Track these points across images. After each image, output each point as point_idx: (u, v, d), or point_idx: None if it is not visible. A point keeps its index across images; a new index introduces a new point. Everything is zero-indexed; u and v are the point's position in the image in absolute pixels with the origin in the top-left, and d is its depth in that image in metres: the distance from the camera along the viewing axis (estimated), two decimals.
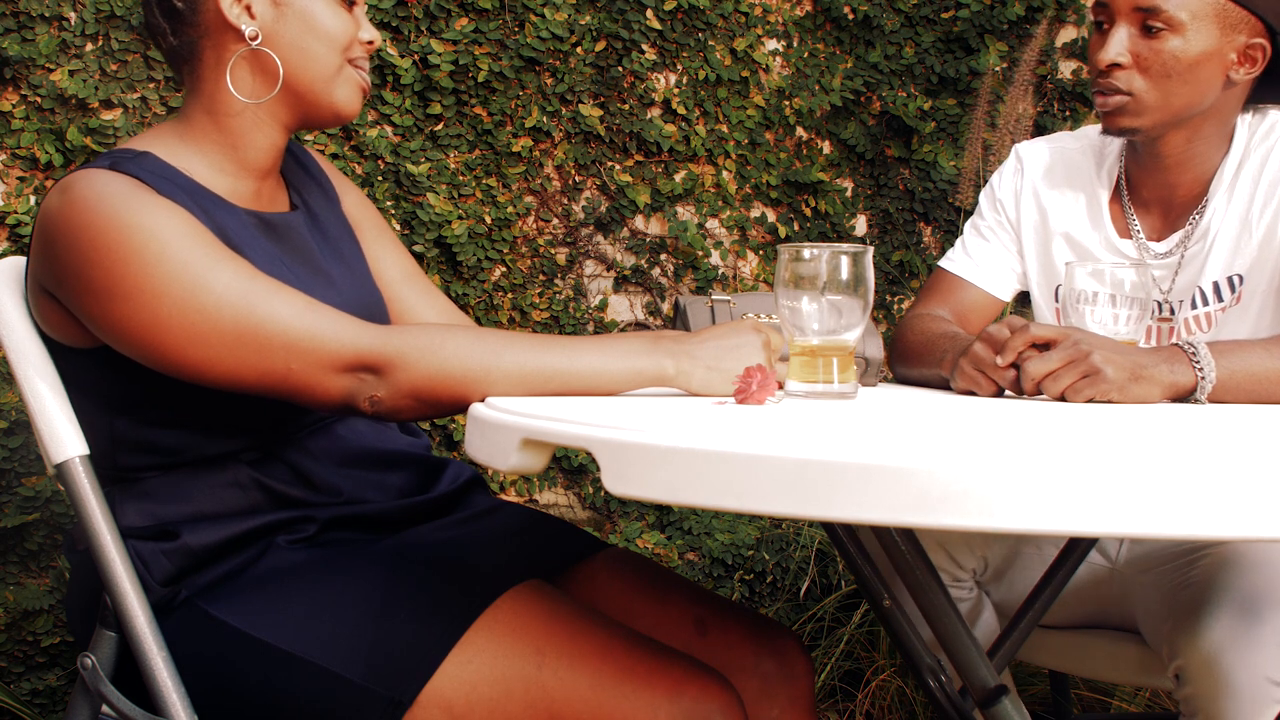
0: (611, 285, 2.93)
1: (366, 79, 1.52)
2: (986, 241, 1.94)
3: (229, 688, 1.36)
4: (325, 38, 1.46)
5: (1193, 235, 1.79)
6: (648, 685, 1.30)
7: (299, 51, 1.46)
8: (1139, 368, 1.47)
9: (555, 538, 1.57)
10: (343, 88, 1.49)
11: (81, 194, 1.34)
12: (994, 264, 1.93)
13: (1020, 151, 1.95)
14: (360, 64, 1.51)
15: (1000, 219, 1.94)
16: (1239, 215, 1.76)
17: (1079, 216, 1.88)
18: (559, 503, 2.87)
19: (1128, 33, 1.69)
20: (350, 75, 1.49)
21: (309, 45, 1.46)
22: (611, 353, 1.34)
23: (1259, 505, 0.87)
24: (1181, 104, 1.71)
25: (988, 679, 1.34)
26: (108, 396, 1.42)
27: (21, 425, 2.35)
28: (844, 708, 2.76)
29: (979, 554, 1.90)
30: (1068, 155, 1.91)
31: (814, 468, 0.91)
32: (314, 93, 1.48)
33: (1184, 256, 1.80)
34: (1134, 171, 1.84)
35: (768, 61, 3.01)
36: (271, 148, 1.50)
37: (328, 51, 1.47)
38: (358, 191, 1.69)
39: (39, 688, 2.39)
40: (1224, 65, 1.69)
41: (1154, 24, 1.67)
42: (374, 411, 1.33)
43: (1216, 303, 1.78)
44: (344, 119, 1.51)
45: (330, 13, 1.47)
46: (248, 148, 1.48)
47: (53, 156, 2.40)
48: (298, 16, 1.45)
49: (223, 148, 1.47)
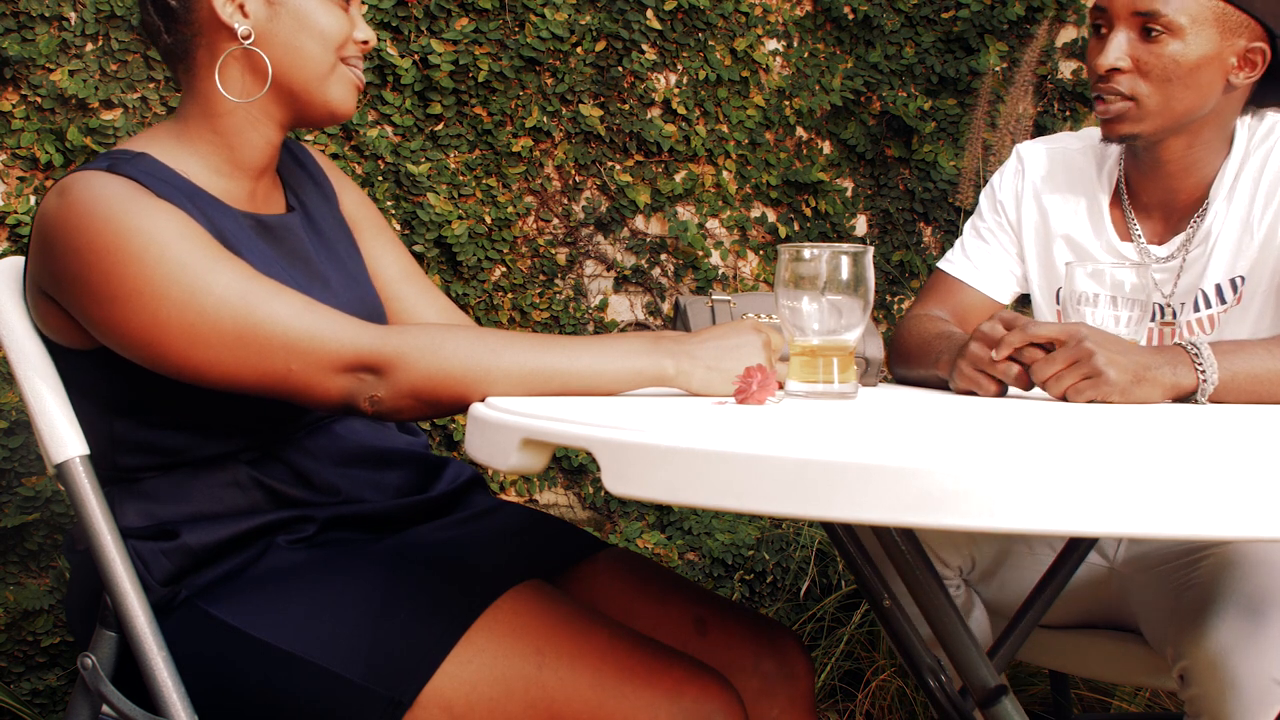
0: (611, 285, 2.93)
1: (361, 77, 1.52)
2: (986, 244, 1.93)
3: (229, 688, 1.36)
4: (319, 36, 1.46)
5: (1194, 239, 1.79)
6: (648, 685, 1.30)
7: (292, 50, 1.46)
8: (1142, 369, 1.47)
9: (555, 538, 1.57)
10: (337, 86, 1.48)
11: (79, 196, 1.34)
12: (993, 266, 1.93)
13: (1021, 152, 1.94)
14: (354, 63, 1.50)
15: (1000, 220, 1.93)
16: (1240, 217, 1.76)
17: (1079, 219, 1.87)
18: (559, 503, 2.87)
19: (1127, 37, 1.68)
20: (344, 74, 1.49)
21: (302, 44, 1.46)
22: (612, 352, 1.33)
23: (1259, 505, 0.87)
24: (1183, 109, 1.70)
25: (987, 679, 1.33)
26: (107, 398, 1.42)
27: (21, 425, 2.35)
28: (844, 708, 2.76)
29: (965, 553, 1.89)
30: (1069, 156, 1.91)
31: (814, 468, 0.91)
32: (308, 91, 1.47)
33: (1185, 260, 1.80)
34: (1134, 176, 1.84)
35: (768, 61, 3.01)
36: (266, 146, 1.49)
37: (321, 50, 1.46)
38: (356, 189, 1.69)
39: (39, 688, 2.39)
40: (1224, 70, 1.69)
41: (1153, 28, 1.66)
42: (374, 411, 1.33)
43: (1219, 305, 1.78)
44: (339, 118, 1.51)
45: (324, 11, 1.47)
46: (242, 147, 1.48)
47: (53, 156, 2.40)
48: (291, 15, 1.45)
49: (217, 148, 1.47)
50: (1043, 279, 1.91)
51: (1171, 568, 1.74)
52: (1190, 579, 1.69)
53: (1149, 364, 1.48)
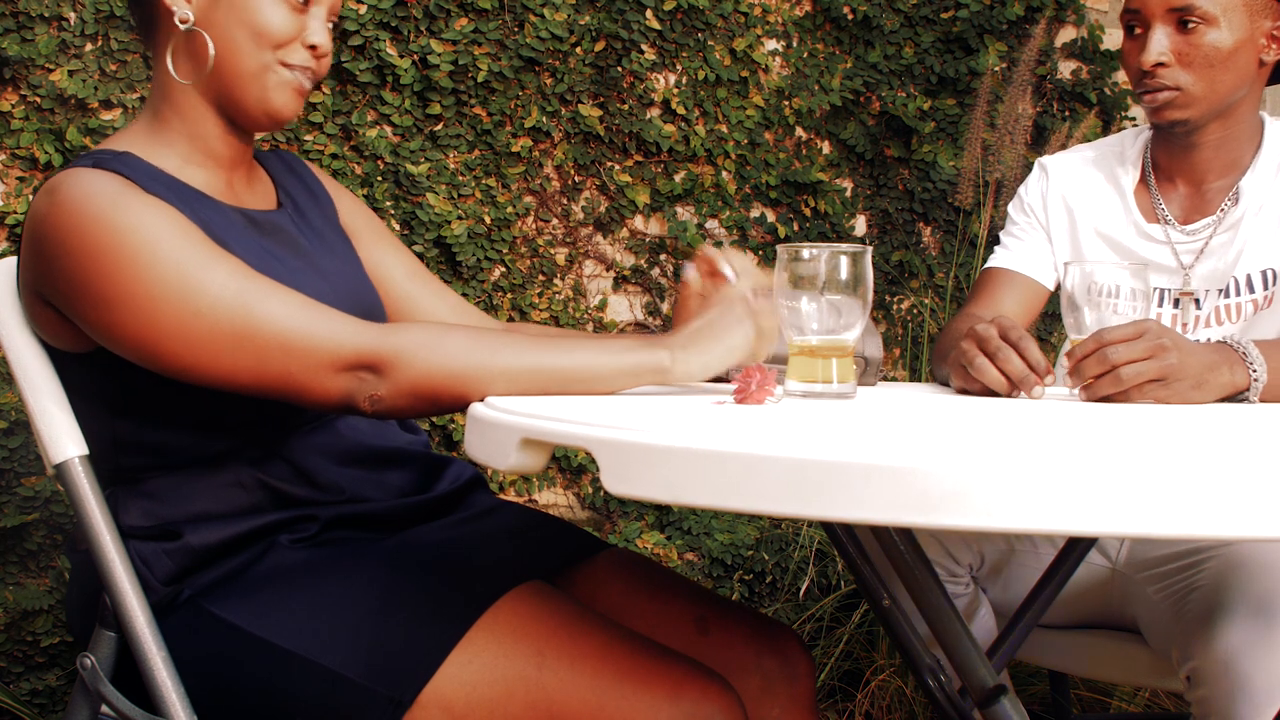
0: (611, 285, 2.93)
1: (305, 82, 1.47)
2: (1021, 240, 1.98)
3: (230, 687, 1.36)
4: (253, 33, 1.44)
5: (1224, 222, 1.83)
6: (648, 686, 1.30)
7: (226, 41, 1.44)
8: (1206, 369, 1.49)
9: (555, 538, 1.57)
10: (273, 89, 1.45)
11: (69, 195, 1.33)
12: (1034, 255, 1.97)
13: (1043, 162, 2.01)
14: (300, 67, 1.46)
15: (1031, 220, 1.98)
16: (1276, 211, 1.81)
17: (1105, 209, 1.92)
18: (559, 503, 2.87)
19: (1165, 32, 1.76)
20: (282, 76, 1.45)
21: (235, 36, 1.44)
22: (610, 349, 1.34)
23: (1259, 505, 0.87)
24: (1226, 90, 1.78)
25: (987, 679, 1.33)
26: (108, 400, 1.41)
27: (21, 425, 2.35)
28: (844, 708, 2.76)
29: (975, 549, 1.91)
30: (1088, 160, 1.97)
31: (814, 468, 0.91)
32: (240, 87, 1.45)
33: (1210, 241, 1.83)
34: (1163, 158, 1.89)
35: (767, 61, 3.01)
36: (224, 135, 1.48)
37: (254, 47, 1.44)
38: (353, 197, 1.69)
39: (39, 688, 2.39)
40: (1256, 49, 1.77)
41: (1190, 20, 1.74)
42: (374, 410, 1.33)
43: (1248, 294, 1.81)
44: (277, 121, 1.47)
45: (269, 8, 1.44)
46: (205, 135, 1.48)
47: (52, 156, 2.40)
48: (230, 5, 1.44)
49: (183, 136, 1.47)
50: None
51: (1174, 569, 1.74)
52: (1195, 581, 1.69)
53: (1211, 364, 1.50)
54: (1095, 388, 1.46)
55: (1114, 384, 1.45)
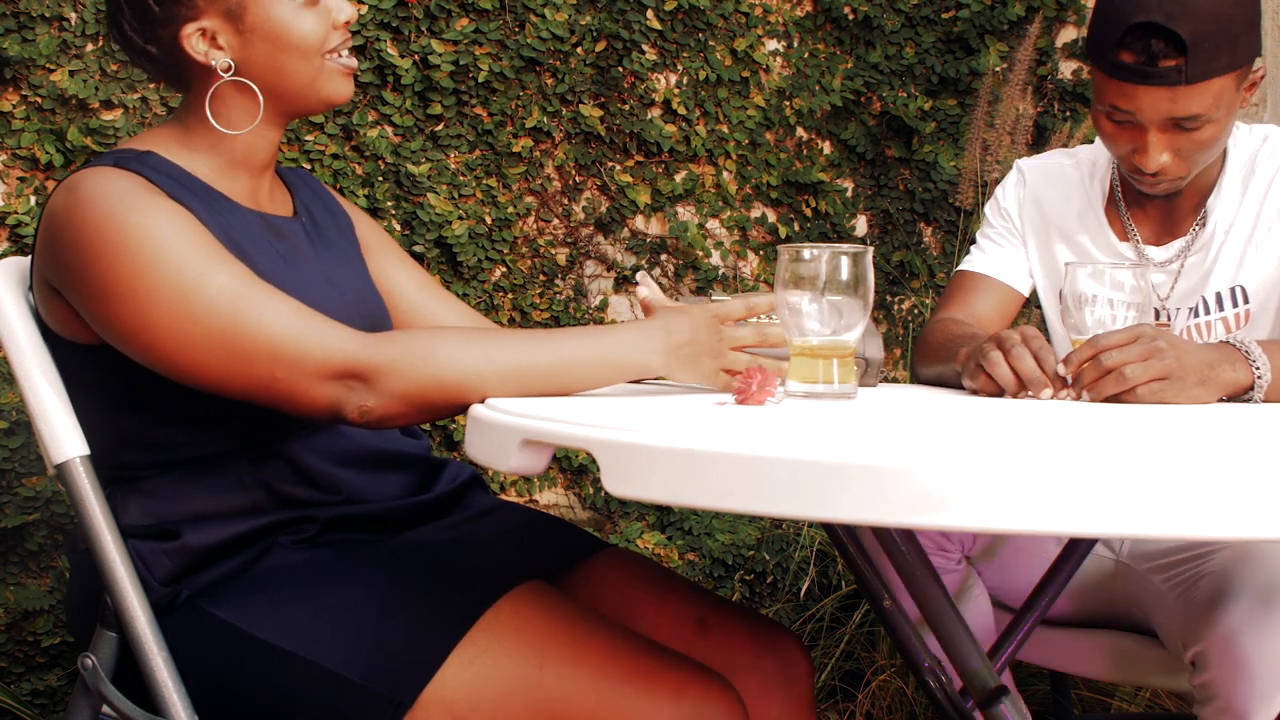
0: (612, 285, 2.93)
1: (352, 62, 1.50)
2: (998, 245, 1.97)
3: (230, 687, 1.36)
4: (297, 50, 1.45)
5: (1195, 244, 1.81)
6: (649, 687, 1.30)
7: (274, 70, 1.45)
8: (1207, 367, 1.48)
9: (556, 538, 1.57)
10: (328, 83, 1.48)
11: (88, 192, 1.35)
12: (1008, 261, 1.96)
13: (1021, 165, 1.99)
14: (340, 50, 1.49)
15: (1007, 225, 1.97)
16: (1247, 228, 1.79)
17: (1078, 222, 1.91)
18: (559, 503, 2.87)
19: (1166, 136, 1.68)
20: (333, 69, 1.48)
21: (283, 63, 1.45)
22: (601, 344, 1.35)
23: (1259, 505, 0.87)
24: (1217, 153, 1.76)
25: (988, 679, 1.33)
26: (111, 394, 1.42)
27: (21, 425, 2.35)
28: (844, 708, 2.76)
29: None
30: (1064, 169, 1.95)
31: (813, 468, 0.91)
32: (301, 97, 1.48)
33: (1184, 265, 1.82)
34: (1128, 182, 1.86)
35: (768, 62, 3.01)
36: (269, 146, 1.51)
37: (303, 63, 1.46)
38: (368, 218, 1.71)
39: (39, 688, 2.39)
40: (1241, 104, 1.72)
41: (1191, 125, 1.67)
42: (364, 421, 1.33)
43: (1218, 312, 1.80)
44: (337, 105, 1.52)
45: (298, 21, 1.45)
46: (247, 151, 1.49)
47: (53, 157, 2.40)
48: (264, 39, 1.44)
49: (221, 153, 1.48)
50: (1047, 281, 1.95)
51: (1181, 559, 1.75)
52: (1201, 570, 1.70)
53: (1211, 361, 1.49)
54: (1099, 387, 1.46)
55: (1118, 383, 1.45)
